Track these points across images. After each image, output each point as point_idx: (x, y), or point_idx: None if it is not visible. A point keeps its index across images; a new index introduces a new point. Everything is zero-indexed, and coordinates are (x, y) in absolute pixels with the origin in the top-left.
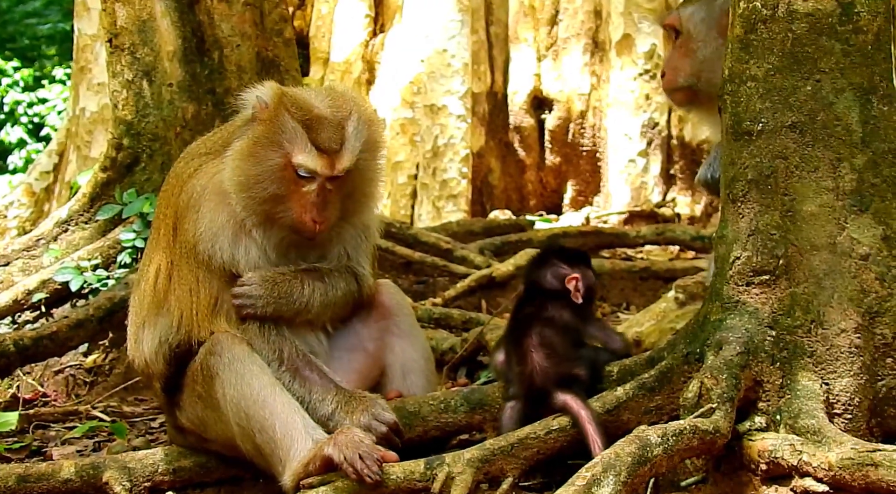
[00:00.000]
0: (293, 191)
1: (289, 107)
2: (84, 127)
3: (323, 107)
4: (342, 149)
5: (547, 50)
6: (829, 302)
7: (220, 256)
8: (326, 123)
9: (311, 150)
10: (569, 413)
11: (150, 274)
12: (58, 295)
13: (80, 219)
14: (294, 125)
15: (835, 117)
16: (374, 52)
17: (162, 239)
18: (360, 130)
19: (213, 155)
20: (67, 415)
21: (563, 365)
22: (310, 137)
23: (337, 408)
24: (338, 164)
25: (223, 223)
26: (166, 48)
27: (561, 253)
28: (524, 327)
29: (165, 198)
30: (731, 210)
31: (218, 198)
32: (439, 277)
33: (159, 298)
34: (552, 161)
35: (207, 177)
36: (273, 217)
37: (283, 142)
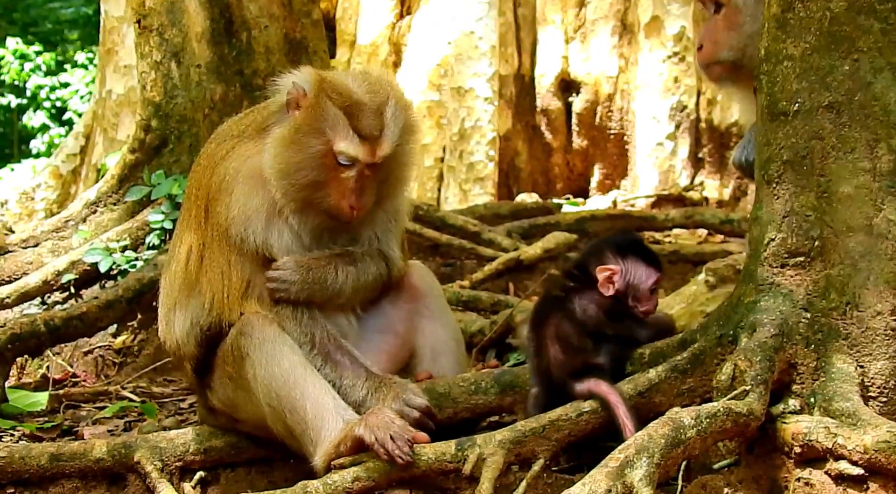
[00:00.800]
0: (332, 178)
1: (329, 93)
2: (110, 109)
3: (361, 92)
4: (382, 135)
5: (575, 32)
6: (865, 285)
7: (253, 239)
8: (366, 110)
9: (354, 138)
10: (597, 399)
11: (182, 255)
12: (87, 276)
13: (109, 201)
14: (336, 112)
15: (872, 97)
16: (400, 34)
17: (193, 220)
18: (398, 116)
19: (246, 137)
20: (97, 395)
21: (578, 357)
22: (351, 124)
23: (368, 394)
24: (378, 151)
25: (257, 206)
26: (194, 29)
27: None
28: (544, 316)
29: (196, 179)
30: (766, 191)
31: (252, 181)
32: (467, 260)
33: (191, 280)
34: (579, 144)
35: (241, 160)
36: (311, 203)
37: (325, 129)
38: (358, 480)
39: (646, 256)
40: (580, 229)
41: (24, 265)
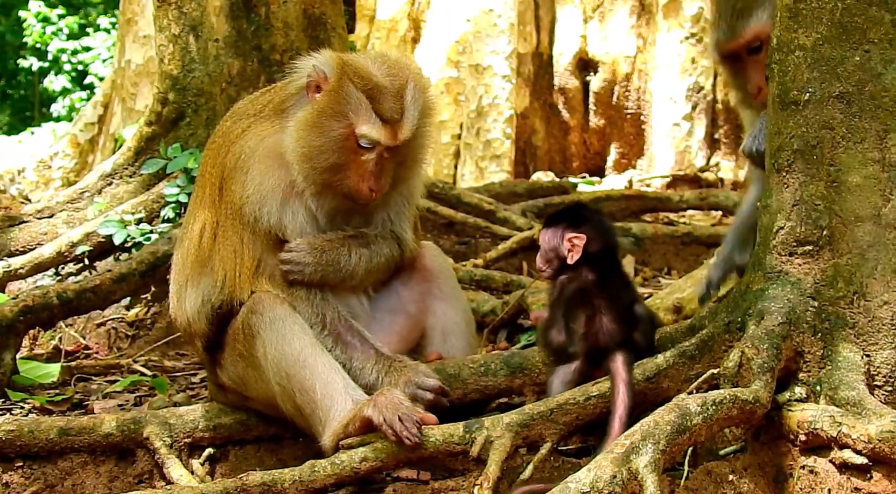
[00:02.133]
0: (352, 160)
1: (352, 76)
2: (129, 79)
3: (381, 76)
4: (403, 118)
5: (593, 11)
6: (873, 274)
7: (267, 219)
8: (387, 93)
9: (376, 121)
10: (609, 371)
11: (195, 232)
12: (101, 248)
13: (125, 173)
14: (358, 95)
15: (882, 88)
16: (420, 10)
17: (207, 197)
18: (418, 98)
19: (263, 117)
20: (109, 368)
21: (628, 329)
22: (374, 107)
23: (379, 377)
24: (400, 134)
25: (273, 186)
26: (213, 3)
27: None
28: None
29: (212, 156)
30: (776, 179)
31: (269, 160)
32: (481, 238)
33: (203, 257)
34: (596, 123)
35: (257, 139)
36: (330, 185)
37: (347, 112)
38: (366, 460)
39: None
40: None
41: (38, 236)
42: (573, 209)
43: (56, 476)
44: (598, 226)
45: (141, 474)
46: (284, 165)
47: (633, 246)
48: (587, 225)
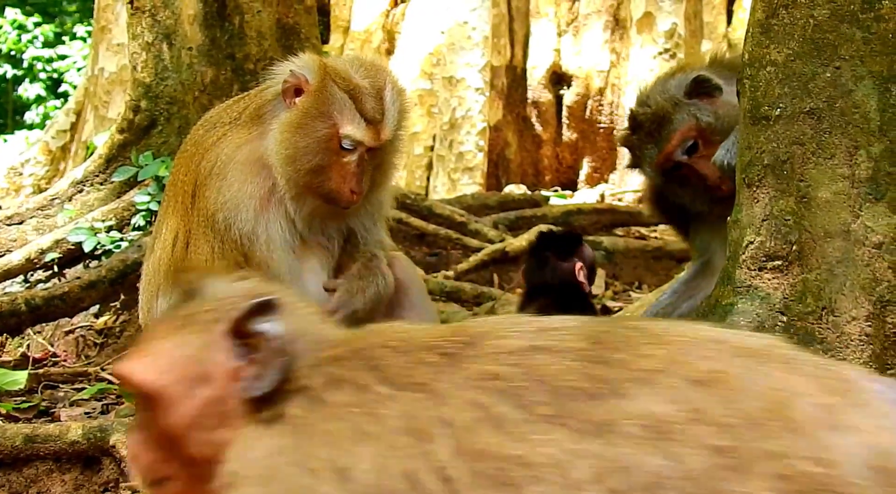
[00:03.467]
0: (334, 162)
1: (334, 77)
2: (102, 87)
3: (361, 77)
4: (384, 119)
5: (567, 25)
6: (841, 290)
7: (240, 227)
8: (368, 93)
9: (360, 121)
10: None
11: (167, 241)
12: (71, 255)
13: (96, 180)
14: (342, 96)
15: (853, 105)
16: (394, 22)
17: (179, 205)
18: (396, 100)
19: (239, 124)
20: (76, 376)
21: None
22: (357, 108)
23: None
24: (382, 134)
25: (250, 193)
26: (187, 12)
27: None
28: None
29: (184, 164)
30: (746, 194)
31: (247, 167)
32: (452, 250)
33: (177, 267)
34: (569, 137)
35: (234, 146)
36: (311, 187)
37: (332, 113)
38: None
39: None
40: (566, 222)
41: (7, 242)
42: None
43: (21, 483)
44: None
45: (107, 482)
46: (262, 172)
47: (604, 259)
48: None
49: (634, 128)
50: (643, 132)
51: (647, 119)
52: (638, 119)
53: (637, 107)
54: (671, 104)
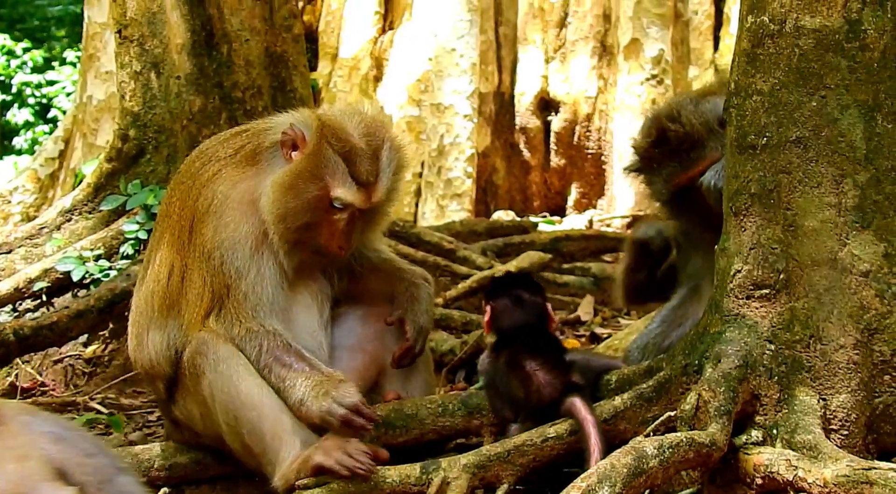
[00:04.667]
0: (324, 219)
1: (329, 138)
2: (91, 114)
3: (358, 136)
4: (377, 181)
5: (555, 52)
6: (829, 318)
7: (234, 263)
8: (363, 155)
9: (351, 184)
10: (574, 417)
11: (162, 274)
12: (59, 284)
13: (84, 209)
14: (336, 158)
15: (839, 133)
16: (382, 48)
17: (176, 240)
18: (392, 159)
19: (236, 163)
20: (65, 406)
21: (563, 376)
22: (350, 170)
23: (306, 393)
24: (373, 197)
25: (246, 234)
26: (175, 41)
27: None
28: (517, 359)
29: (180, 197)
30: (734, 223)
31: (242, 207)
32: (441, 277)
33: (172, 300)
34: (557, 163)
35: (230, 185)
36: (301, 241)
37: (324, 175)
38: None
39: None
40: (555, 249)
41: None
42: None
43: None
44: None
45: None
46: (257, 213)
47: (592, 286)
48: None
49: (660, 142)
50: (668, 148)
51: (677, 138)
52: (667, 134)
53: (668, 122)
54: (706, 130)
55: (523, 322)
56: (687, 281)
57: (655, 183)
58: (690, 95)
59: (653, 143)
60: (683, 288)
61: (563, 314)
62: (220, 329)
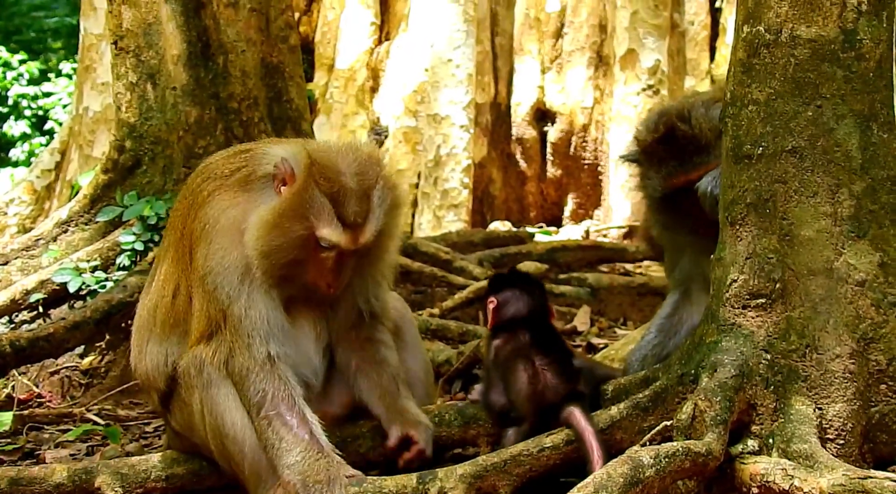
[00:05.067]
0: (311, 257)
1: (317, 178)
2: (87, 126)
3: (349, 175)
4: (366, 221)
5: (551, 62)
6: (825, 327)
7: (225, 290)
8: (352, 195)
9: (337, 225)
10: (573, 428)
11: (168, 291)
12: (56, 295)
13: (80, 220)
14: (322, 200)
15: (835, 143)
16: (378, 59)
17: (179, 257)
18: (385, 199)
19: (229, 186)
20: (62, 417)
21: (571, 380)
22: (336, 212)
23: (297, 466)
24: (361, 238)
25: (233, 263)
26: (171, 52)
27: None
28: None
29: (181, 215)
30: (730, 232)
31: (229, 235)
32: (438, 287)
33: (177, 318)
34: (553, 173)
35: (219, 209)
36: (288, 277)
37: (309, 216)
38: None
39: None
40: (551, 259)
41: None
42: (498, 276)
43: None
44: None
45: None
46: (243, 242)
47: (589, 296)
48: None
49: (667, 140)
50: (673, 146)
51: (684, 138)
52: (675, 133)
53: (678, 121)
54: (713, 135)
55: (527, 313)
56: (676, 286)
57: (652, 178)
58: (702, 98)
59: (658, 139)
60: (674, 293)
61: (560, 324)
62: (216, 353)
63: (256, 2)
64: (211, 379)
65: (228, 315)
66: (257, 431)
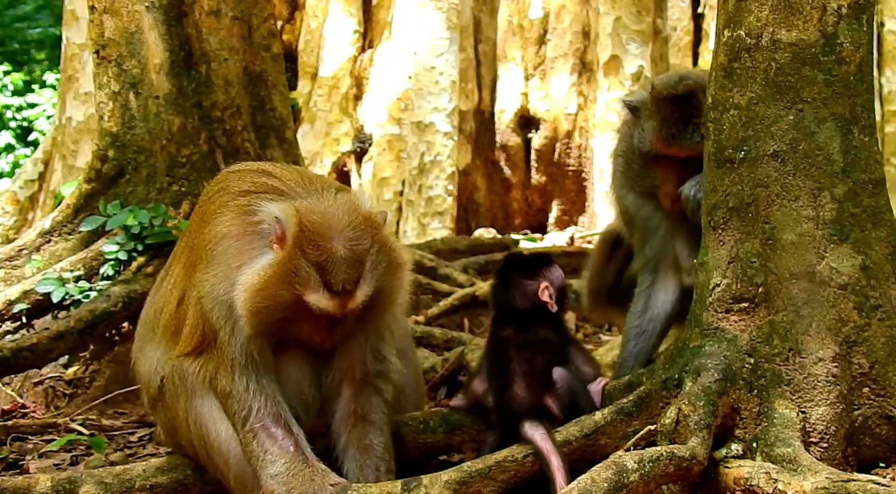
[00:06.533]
0: (304, 315)
1: (304, 245)
2: (70, 136)
3: (341, 241)
4: (356, 288)
5: (535, 69)
6: (808, 331)
7: (215, 315)
8: (342, 263)
9: (324, 293)
10: (532, 445)
11: (174, 296)
12: (39, 306)
13: (64, 230)
14: (308, 269)
15: (816, 147)
16: (362, 67)
17: (188, 266)
18: (379, 264)
19: (235, 207)
20: (46, 428)
21: (539, 395)
22: (323, 280)
23: (281, 476)
24: (350, 304)
25: (221, 295)
26: (153, 61)
27: (521, 264)
28: (505, 352)
29: (196, 220)
30: (712, 237)
31: (224, 267)
32: (422, 295)
33: (178, 327)
34: (538, 180)
35: (220, 235)
36: (281, 330)
37: (295, 284)
38: None
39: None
40: None
41: None
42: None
43: None
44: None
45: None
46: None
47: (574, 302)
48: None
49: (681, 102)
50: (684, 113)
51: (699, 110)
52: (692, 101)
53: (701, 91)
54: None
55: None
56: (646, 266)
57: (646, 131)
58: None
59: (674, 98)
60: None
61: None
62: (202, 370)
63: (239, 10)
64: (195, 390)
65: (219, 339)
66: (242, 442)
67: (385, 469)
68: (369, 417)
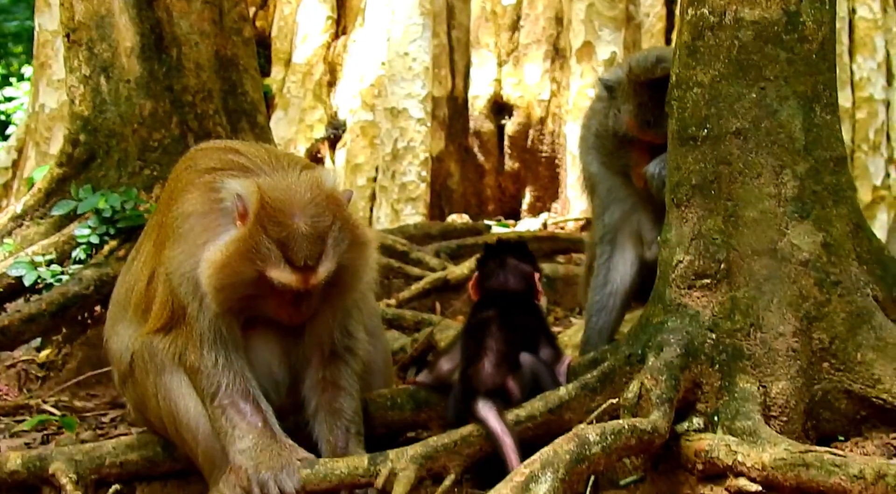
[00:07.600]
0: (269, 291)
1: (265, 222)
2: (43, 123)
3: (303, 218)
4: (318, 263)
5: (508, 55)
6: (769, 307)
7: (182, 291)
8: (303, 239)
9: (286, 268)
10: (484, 426)
11: (144, 274)
12: (11, 289)
13: (35, 215)
14: (269, 245)
15: (778, 125)
16: (336, 54)
17: (157, 243)
18: (342, 240)
19: (201, 184)
20: (18, 409)
21: (503, 376)
22: (285, 256)
23: (249, 451)
24: (313, 280)
25: (188, 272)
26: (124, 44)
27: (514, 249)
28: (484, 330)
29: (165, 197)
30: (675, 214)
31: (190, 244)
32: (394, 279)
33: (148, 305)
34: (511, 166)
35: (187, 212)
36: (247, 308)
37: (256, 260)
38: None
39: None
40: None
41: None
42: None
43: None
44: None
45: None
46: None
47: (546, 286)
48: (488, 262)
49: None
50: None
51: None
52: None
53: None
54: None
55: (505, 285)
56: (604, 235)
57: (622, 113)
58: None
59: (651, 83)
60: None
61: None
62: (171, 346)
63: None
64: (164, 366)
65: (188, 315)
66: (211, 418)
67: (355, 431)
68: (339, 383)
